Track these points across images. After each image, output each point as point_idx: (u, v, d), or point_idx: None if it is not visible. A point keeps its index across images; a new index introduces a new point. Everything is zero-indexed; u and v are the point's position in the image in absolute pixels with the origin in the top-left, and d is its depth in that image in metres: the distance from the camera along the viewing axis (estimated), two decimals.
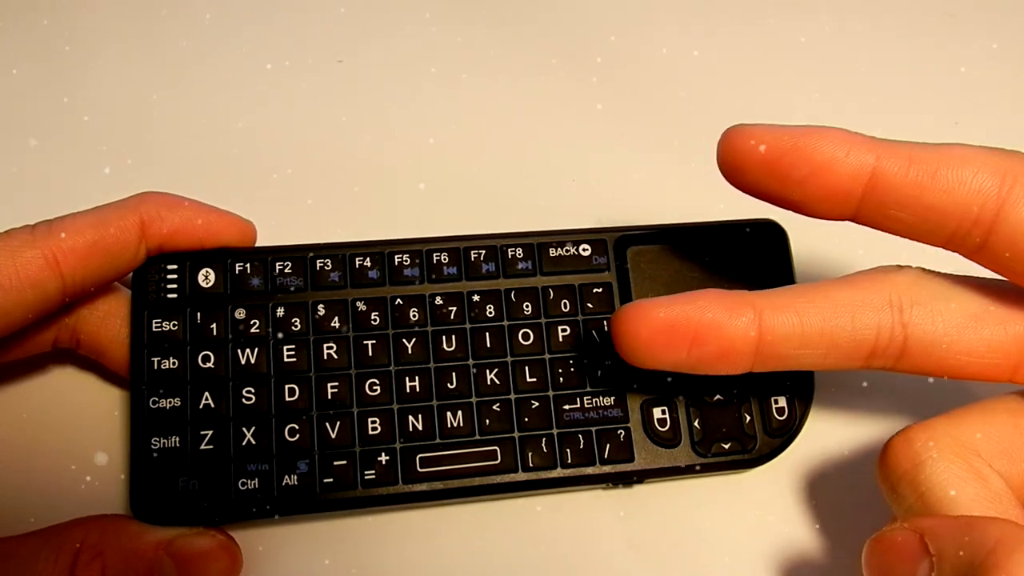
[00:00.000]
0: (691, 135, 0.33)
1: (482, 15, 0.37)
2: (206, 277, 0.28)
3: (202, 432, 0.27)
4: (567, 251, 0.29)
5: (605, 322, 0.29)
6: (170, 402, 0.27)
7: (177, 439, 0.26)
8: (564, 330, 0.29)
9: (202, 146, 0.29)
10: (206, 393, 0.27)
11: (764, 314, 0.24)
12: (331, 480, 0.27)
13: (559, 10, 0.38)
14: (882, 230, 0.24)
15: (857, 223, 0.25)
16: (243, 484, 0.26)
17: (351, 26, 0.36)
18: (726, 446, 0.28)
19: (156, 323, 0.27)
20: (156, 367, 0.27)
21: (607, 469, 0.28)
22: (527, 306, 0.29)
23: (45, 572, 0.24)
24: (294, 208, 0.29)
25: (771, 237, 0.30)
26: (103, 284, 0.27)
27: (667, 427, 0.28)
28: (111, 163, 0.26)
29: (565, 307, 0.29)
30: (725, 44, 0.38)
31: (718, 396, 0.29)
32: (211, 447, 0.26)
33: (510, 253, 0.29)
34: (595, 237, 0.30)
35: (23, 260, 0.24)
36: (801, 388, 0.29)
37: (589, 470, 0.28)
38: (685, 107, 0.36)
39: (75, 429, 0.28)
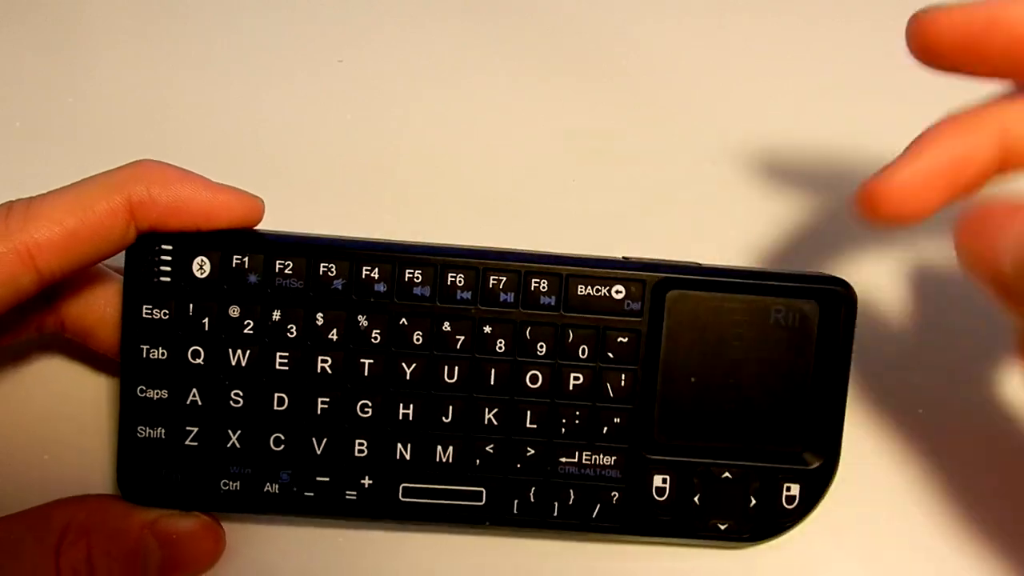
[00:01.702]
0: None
1: (489, 14, 0.34)
2: (201, 267, 0.26)
3: (187, 428, 0.26)
4: (597, 291, 0.26)
5: (623, 375, 0.26)
6: (157, 393, 0.26)
7: (163, 430, 0.26)
8: (577, 378, 0.26)
9: (200, 146, 0.27)
10: (194, 389, 0.26)
11: None
12: (312, 495, 0.26)
13: (574, 8, 0.34)
14: None
15: None
16: (225, 485, 0.26)
17: (351, 26, 0.33)
18: (722, 526, 0.27)
19: (147, 309, 0.26)
20: (145, 355, 0.26)
21: (593, 529, 0.27)
22: (541, 347, 0.26)
23: (31, 553, 0.25)
24: (295, 208, 0.27)
25: (838, 301, 0.26)
26: (87, 266, 0.25)
27: (664, 496, 0.27)
28: (112, 160, 0.24)
29: (583, 353, 0.26)
30: (737, 47, 0.34)
31: (727, 473, 0.27)
32: (195, 444, 0.26)
33: (533, 284, 0.26)
34: (632, 276, 0.26)
35: None
36: (820, 479, 0.27)
37: (575, 527, 0.27)
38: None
39: (63, 409, 0.28)
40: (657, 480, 0.27)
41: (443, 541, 0.28)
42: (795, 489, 0.27)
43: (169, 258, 0.25)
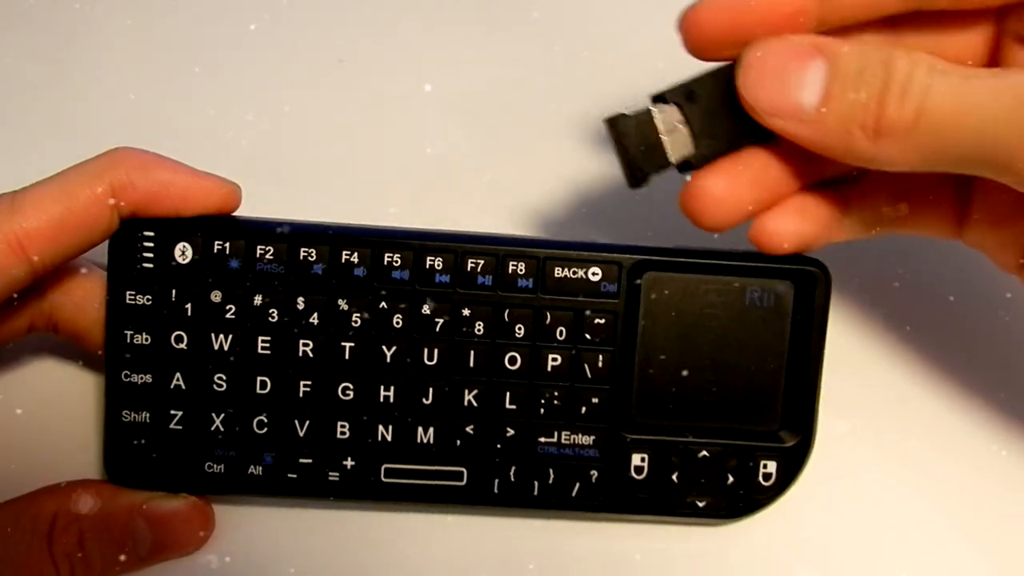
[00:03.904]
0: None
1: (490, 13, 0.34)
2: (183, 252, 0.26)
3: (172, 412, 0.26)
4: (574, 273, 0.27)
5: (601, 356, 0.27)
6: (141, 378, 0.26)
7: (147, 415, 0.26)
8: (555, 359, 0.27)
9: (199, 146, 0.27)
10: (177, 374, 0.26)
11: None
12: (295, 476, 0.27)
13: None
14: (850, 22, 0.24)
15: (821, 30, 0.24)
16: (209, 467, 0.27)
17: (351, 26, 0.33)
18: (700, 503, 0.27)
19: (130, 295, 0.26)
20: (129, 340, 0.26)
21: (573, 507, 0.27)
22: (519, 328, 0.27)
23: (23, 541, 0.25)
24: (293, 208, 0.27)
25: (812, 281, 0.27)
26: (75, 256, 0.25)
27: (643, 475, 0.27)
28: None
29: (561, 335, 0.27)
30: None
31: (704, 452, 0.27)
32: (180, 428, 0.26)
33: (511, 267, 0.26)
34: (608, 259, 0.27)
35: None
36: (797, 455, 0.27)
37: (555, 505, 0.27)
38: None
39: (48, 400, 0.29)
40: (636, 459, 0.27)
41: (427, 520, 0.29)
42: (772, 466, 0.27)
43: (151, 244, 0.26)
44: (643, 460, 0.27)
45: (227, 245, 0.26)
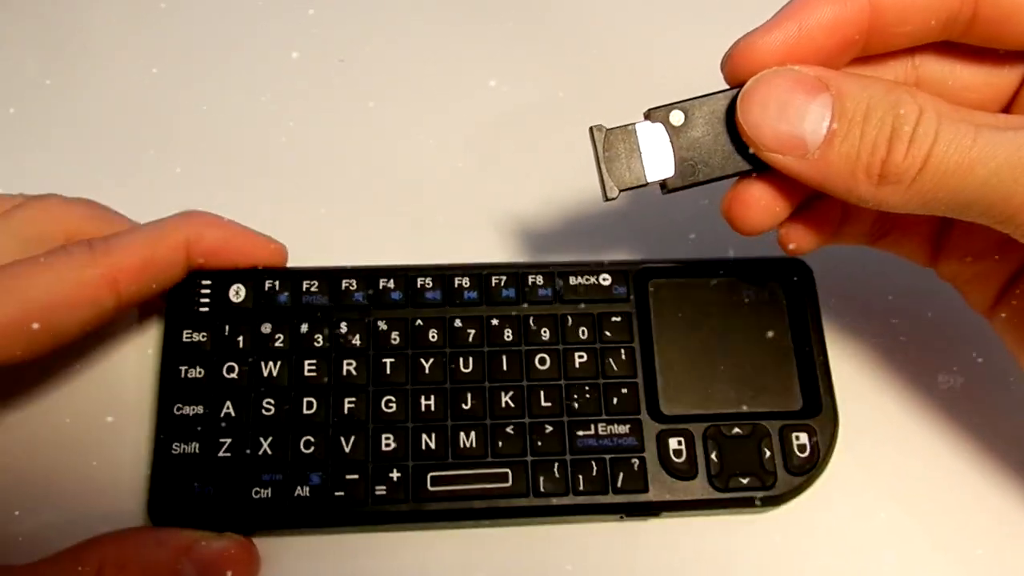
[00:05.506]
0: None
1: (490, 14, 0.37)
2: (237, 293, 0.29)
3: (221, 440, 0.27)
4: (587, 280, 0.30)
5: (623, 350, 0.29)
6: (193, 409, 0.27)
7: (197, 445, 0.27)
8: (581, 357, 0.29)
9: (200, 145, 0.30)
10: (228, 402, 0.28)
11: None
12: (342, 493, 0.27)
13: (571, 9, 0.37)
14: (884, 51, 0.24)
15: (861, 58, 0.24)
16: (256, 493, 0.27)
17: (351, 26, 0.36)
18: (744, 481, 0.28)
19: (187, 334, 0.28)
20: (183, 375, 0.28)
21: (620, 499, 0.27)
22: (545, 332, 0.29)
23: None
24: (293, 207, 0.31)
25: (796, 276, 0.30)
26: (151, 297, 0.28)
27: (683, 458, 0.28)
28: (113, 157, 0.29)
29: (583, 334, 0.29)
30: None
31: (736, 430, 0.28)
32: (228, 455, 0.27)
33: (530, 280, 0.30)
34: (616, 268, 0.30)
35: (85, 279, 0.26)
36: (825, 427, 0.28)
37: (601, 499, 0.27)
38: None
39: (104, 424, 0.29)
40: (673, 443, 0.28)
41: (466, 537, 0.28)
42: (804, 437, 0.28)
43: (208, 291, 0.29)
44: (680, 443, 0.28)
45: (276, 283, 0.29)
